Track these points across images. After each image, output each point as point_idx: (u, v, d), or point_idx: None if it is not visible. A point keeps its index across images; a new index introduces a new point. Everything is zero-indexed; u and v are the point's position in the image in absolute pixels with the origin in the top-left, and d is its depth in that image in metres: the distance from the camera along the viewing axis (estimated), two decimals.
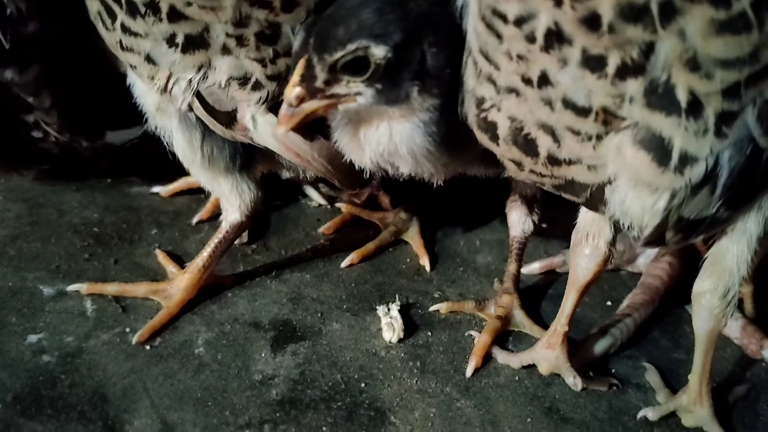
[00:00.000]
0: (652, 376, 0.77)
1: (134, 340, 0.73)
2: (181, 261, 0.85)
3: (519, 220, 0.83)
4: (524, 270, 0.90)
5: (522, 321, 0.81)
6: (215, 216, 0.89)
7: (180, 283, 0.77)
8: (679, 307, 0.86)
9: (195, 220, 0.91)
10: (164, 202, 0.94)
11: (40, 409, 0.66)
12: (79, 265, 0.82)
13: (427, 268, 0.90)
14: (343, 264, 0.88)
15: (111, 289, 0.78)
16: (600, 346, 0.78)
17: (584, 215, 0.67)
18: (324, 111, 0.59)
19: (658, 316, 0.84)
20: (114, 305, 0.78)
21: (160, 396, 0.68)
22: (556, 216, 0.84)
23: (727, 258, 0.62)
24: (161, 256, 0.84)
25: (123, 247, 0.86)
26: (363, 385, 0.72)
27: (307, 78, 0.57)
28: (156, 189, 0.95)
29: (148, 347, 0.73)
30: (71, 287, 0.78)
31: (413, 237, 0.94)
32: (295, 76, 0.57)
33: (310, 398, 0.70)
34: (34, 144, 0.81)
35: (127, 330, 0.75)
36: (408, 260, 0.91)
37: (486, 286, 0.88)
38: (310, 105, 0.58)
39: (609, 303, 0.87)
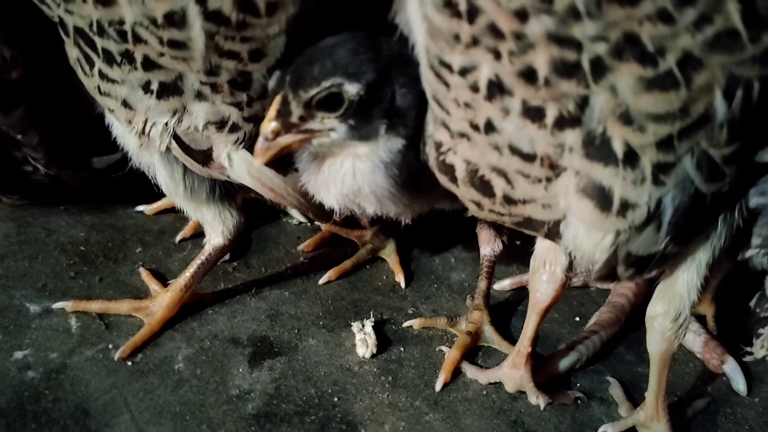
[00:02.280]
0: (615, 390, 0.80)
1: (116, 356, 0.76)
2: (164, 279, 0.88)
3: (488, 241, 0.87)
4: (496, 286, 0.94)
5: (491, 337, 0.85)
6: (198, 234, 0.93)
7: (162, 301, 0.81)
8: (644, 324, 0.89)
9: (178, 238, 0.95)
10: (149, 220, 0.98)
11: (24, 423, 0.69)
12: (65, 283, 0.85)
13: (402, 284, 0.93)
14: (321, 281, 0.91)
15: (95, 306, 0.81)
16: (566, 362, 0.82)
17: (541, 244, 0.71)
18: (299, 145, 0.62)
19: (623, 331, 0.87)
20: (98, 322, 0.81)
21: (140, 410, 0.71)
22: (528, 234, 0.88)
23: (678, 284, 0.65)
24: (145, 275, 0.87)
25: (108, 266, 0.89)
26: (336, 399, 0.75)
27: (283, 113, 0.60)
28: (141, 207, 0.99)
29: (129, 363, 0.76)
30: (57, 305, 0.81)
31: (390, 254, 0.97)
32: (271, 112, 0.60)
33: (284, 412, 0.73)
34: (26, 176, 0.84)
35: (110, 346, 0.78)
36: (384, 277, 0.94)
37: (459, 303, 0.91)
38: (286, 139, 0.61)
39: (577, 319, 0.91)
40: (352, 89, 0.60)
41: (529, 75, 0.50)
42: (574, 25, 0.46)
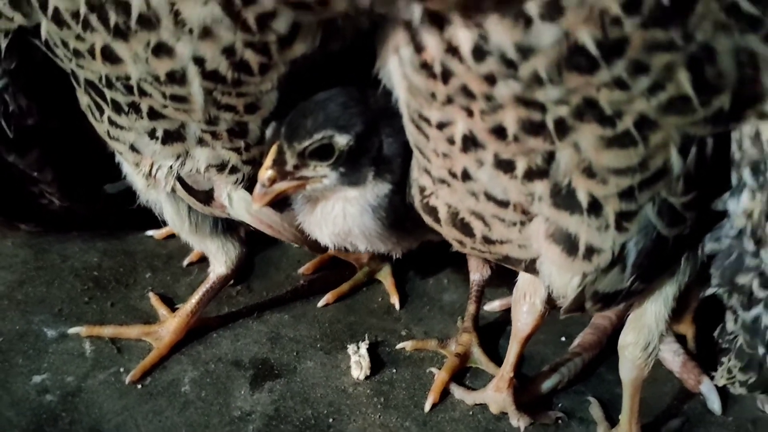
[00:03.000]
0: (595, 410, 0.84)
1: (127, 380, 0.82)
2: (171, 303, 0.94)
3: (477, 267, 0.91)
4: (486, 307, 0.98)
5: (479, 358, 0.89)
6: (204, 258, 0.98)
7: (170, 326, 0.86)
8: None
9: (186, 262, 1.00)
10: (158, 245, 1.03)
11: None
12: (79, 308, 0.91)
13: (397, 306, 0.98)
14: (320, 304, 0.96)
15: (107, 331, 0.87)
16: (548, 384, 0.86)
17: (522, 276, 0.75)
18: (293, 190, 0.68)
19: (604, 352, 0.92)
20: (110, 346, 0.86)
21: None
22: None
23: (647, 316, 0.70)
24: (154, 300, 0.93)
25: (119, 291, 0.95)
26: (331, 420, 0.81)
27: (279, 162, 0.66)
28: (150, 232, 1.04)
29: (139, 386, 0.82)
30: (72, 330, 0.87)
31: (386, 277, 1.02)
32: (268, 161, 0.66)
33: None
34: (42, 207, 0.90)
35: (122, 370, 0.83)
36: (379, 299, 0.99)
37: (450, 324, 0.96)
38: (281, 185, 0.67)
39: (563, 339, 0.95)
40: (342, 140, 0.65)
41: (499, 131, 0.54)
42: (537, 89, 0.51)
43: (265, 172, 0.66)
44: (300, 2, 0.51)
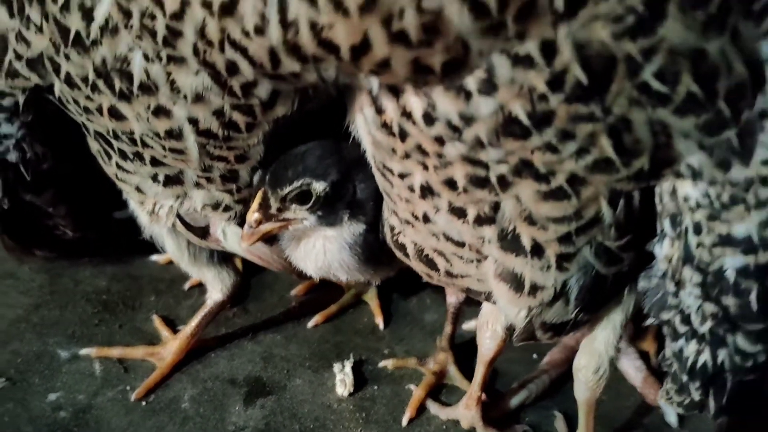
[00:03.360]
0: (559, 424, 0.92)
1: (133, 397, 0.90)
2: (174, 324, 1.03)
3: (454, 291, 0.99)
4: (464, 326, 1.06)
5: (455, 376, 0.97)
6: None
7: (171, 347, 0.95)
8: None
9: (187, 286, 1.09)
10: (161, 269, 1.12)
11: None
12: (90, 330, 1.00)
13: (381, 326, 1.06)
14: (309, 324, 1.05)
15: (115, 352, 0.96)
16: (517, 400, 0.94)
17: (485, 305, 0.83)
18: (278, 230, 0.77)
19: (571, 369, 0.99)
20: (118, 366, 0.95)
21: None
22: None
23: (597, 342, 0.77)
24: (157, 322, 1.01)
25: (126, 313, 1.04)
26: None
27: (264, 206, 0.75)
28: (154, 257, 1.13)
29: (144, 403, 0.90)
30: (83, 351, 0.96)
31: (371, 298, 1.10)
32: (255, 205, 0.75)
33: None
34: (56, 236, 0.99)
35: (128, 388, 0.92)
36: (365, 320, 1.07)
37: (429, 343, 1.04)
38: (266, 226, 0.76)
39: (535, 356, 1.03)
40: (319, 187, 0.74)
41: (451, 184, 0.62)
42: (480, 151, 0.58)
43: (252, 215, 0.75)
44: (275, 74, 0.59)
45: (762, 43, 0.56)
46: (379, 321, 1.06)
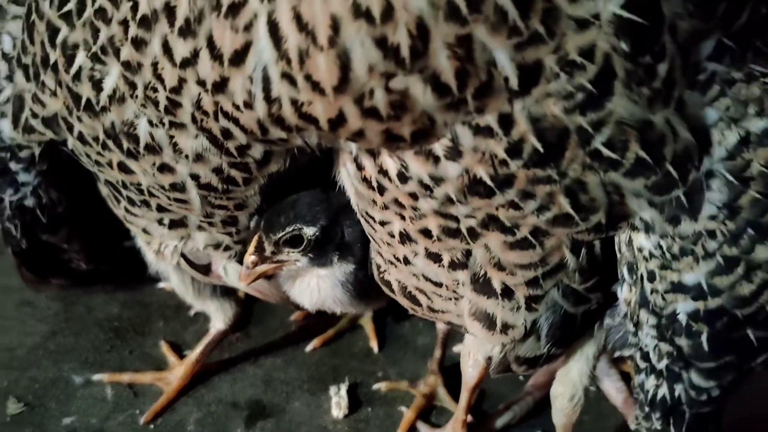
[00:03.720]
0: None
1: (141, 421, 0.97)
2: (180, 349, 1.09)
3: None
4: (455, 349, 1.12)
5: (444, 397, 1.04)
6: None
7: (178, 372, 1.02)
8: None
9: (192, 312, 1.15)
10: (169, 296, 1.18)
11: None
12: (102, 357, 1.07)
13: (375, 350, 1.12)
14: (307, 348, 1.11)
15: (125, 377, 1.03)
16: (502, 420, 1.00)
17: (467, 336, 0.89)
18: (273, 271, 0.84)
19: None
20: (128, 391, 1.02)
21: None
22: None
23: (572, 372, 0.83)
24: (165, 348, 1.08)
25: (136, 339, 1.11)
26: None
27: (259, 250, 0.82)
28: (162, 285, 1.19)
29: (152, 426, 0.97)
30: (96, 377, 1.03)
31: (367, 322, 1.16)
32: (251, 248, 0.82)
33: None
34: (71, 268, 1.06)
35: (138, 412, 0.99)
36: (360, 343, 1.13)
37: (421, 366, 1.09)
38: (262, 267, 0.83)
39: (521, 378, 1.08)
40: (309, 232, 0.81)
41: (426, 233, 0.68)
42: (450, 206, 0.63)
43: (248, 258, 0.82)
44: (265, 139, 0.65)
45: (708, 109, 0.62)
46: (374, 344, 1.12)
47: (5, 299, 1.14)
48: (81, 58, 0.70)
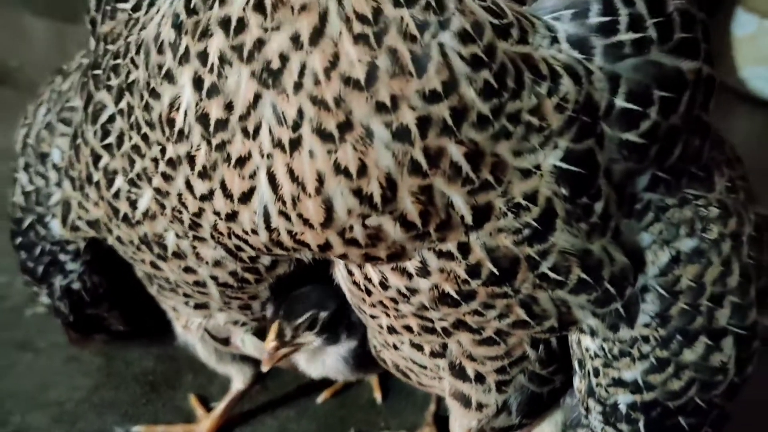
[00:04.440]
0: None
1: None
2: (207, 401, 1.23)
3: None
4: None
5: None
6: None
7: (204, 425, 1.16)
8: None
9: None
10: None
11: None
12: (139, 410, 1.21)
13: (379, 401, 1.25)
14: (318, 400, 1.24)
15: (159, 429, 1.17)
16: None
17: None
18: (291, 353, 0.97)
19: None
20: None
21: None
22: None
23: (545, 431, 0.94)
24: (193, 401, 1.22)
25: (168, 393, 1.25)
26: None
27: (279, 335, 0.94)
28: None
29: None
30: (134, 429, 1.17)
31: (372, 376, 1.29)
32: (271, 335, 0.94)
33: None
34: (110, 329, 1.21)
35: None
36: (366, 395, 1.26)
37: (420, 417, 1.22)
38: (282, 351, 0.95)
39: None
40: (323, 314, 0.94)
41: (408, 328, 0.79)
42: (425, 311, 0.75)
43: (270, 344, 0.94)
44: (271, 254, 0.78)
45: (643, 234, 0.73)
46: (378, 396, 1.25)
47: (55, 355, 1.29)
48: (119, 182, 0.84)
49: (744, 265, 0.76)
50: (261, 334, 1.03)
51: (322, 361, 1.00)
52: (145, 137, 0.76)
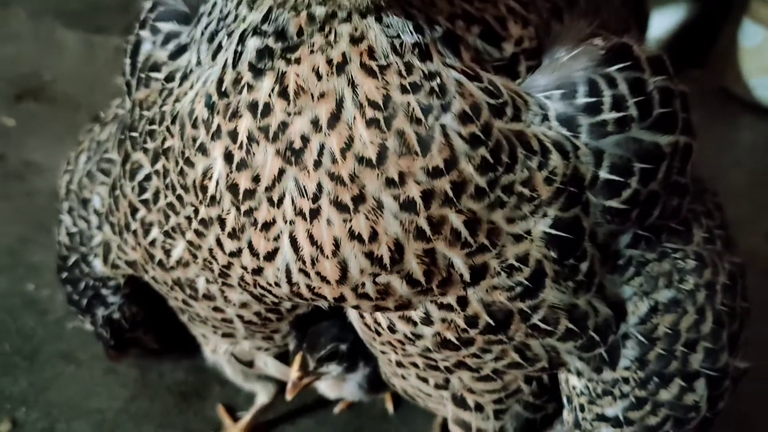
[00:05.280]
0: None
1: None
2: (234, 411, 1.34)
3: None
4: None
5: None
6: None
7: None
8: None
9: None
10: None
11: None
12: (172, 420, 1.32)
13: (391, 411, 1.35)
14: (335, 410, 1.35)
15: None
16: None
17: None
18: (313, 381, 1.08)
19: None
20: None
21: None
22: None
23: None
24: (221, 411, 1.33)
25: (198, 403, 1.36)
26: None
27: (303, 366, 1.05)
28: None
29: None
30: None
31: None
32: (296, 365, 1.04)
33: None
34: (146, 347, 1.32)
35: None
36: (379, 406, 1.36)
37: (428, 426, 1.31)
38: (306, 380, 1.06)
39: None
40: (343, 347, 1.05)
41: (414, 365, 0.89)
42: (429, 353, 0.84)
43: (294, 374, 1.05)
44: (291, 301, 0.88)
45: (625, 287, 0.81)
46: (390, 407, 1.35)
47: (95, 366, 1.40)
48: (155, 233, 0.93)
49: (717, 312, 0.84)
50: (282, 357, 1.14)
51: (338, 387, 1.11)
52: (179, 198, 0.85)
